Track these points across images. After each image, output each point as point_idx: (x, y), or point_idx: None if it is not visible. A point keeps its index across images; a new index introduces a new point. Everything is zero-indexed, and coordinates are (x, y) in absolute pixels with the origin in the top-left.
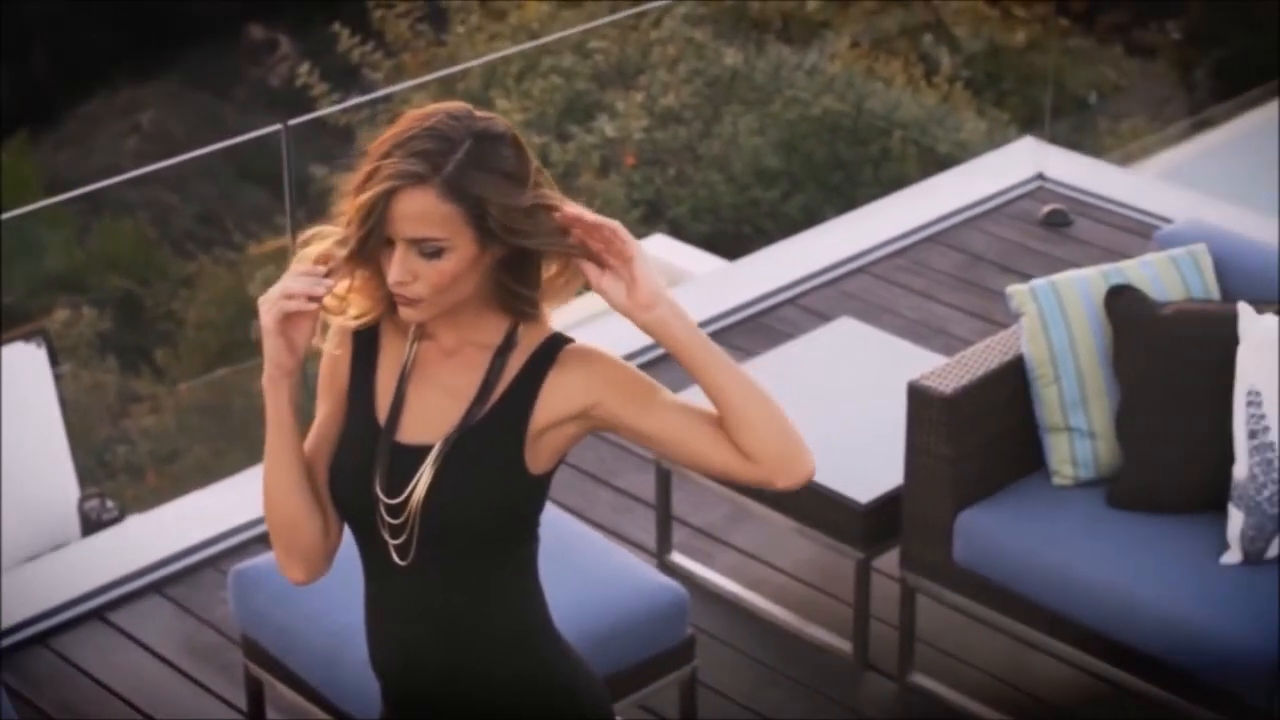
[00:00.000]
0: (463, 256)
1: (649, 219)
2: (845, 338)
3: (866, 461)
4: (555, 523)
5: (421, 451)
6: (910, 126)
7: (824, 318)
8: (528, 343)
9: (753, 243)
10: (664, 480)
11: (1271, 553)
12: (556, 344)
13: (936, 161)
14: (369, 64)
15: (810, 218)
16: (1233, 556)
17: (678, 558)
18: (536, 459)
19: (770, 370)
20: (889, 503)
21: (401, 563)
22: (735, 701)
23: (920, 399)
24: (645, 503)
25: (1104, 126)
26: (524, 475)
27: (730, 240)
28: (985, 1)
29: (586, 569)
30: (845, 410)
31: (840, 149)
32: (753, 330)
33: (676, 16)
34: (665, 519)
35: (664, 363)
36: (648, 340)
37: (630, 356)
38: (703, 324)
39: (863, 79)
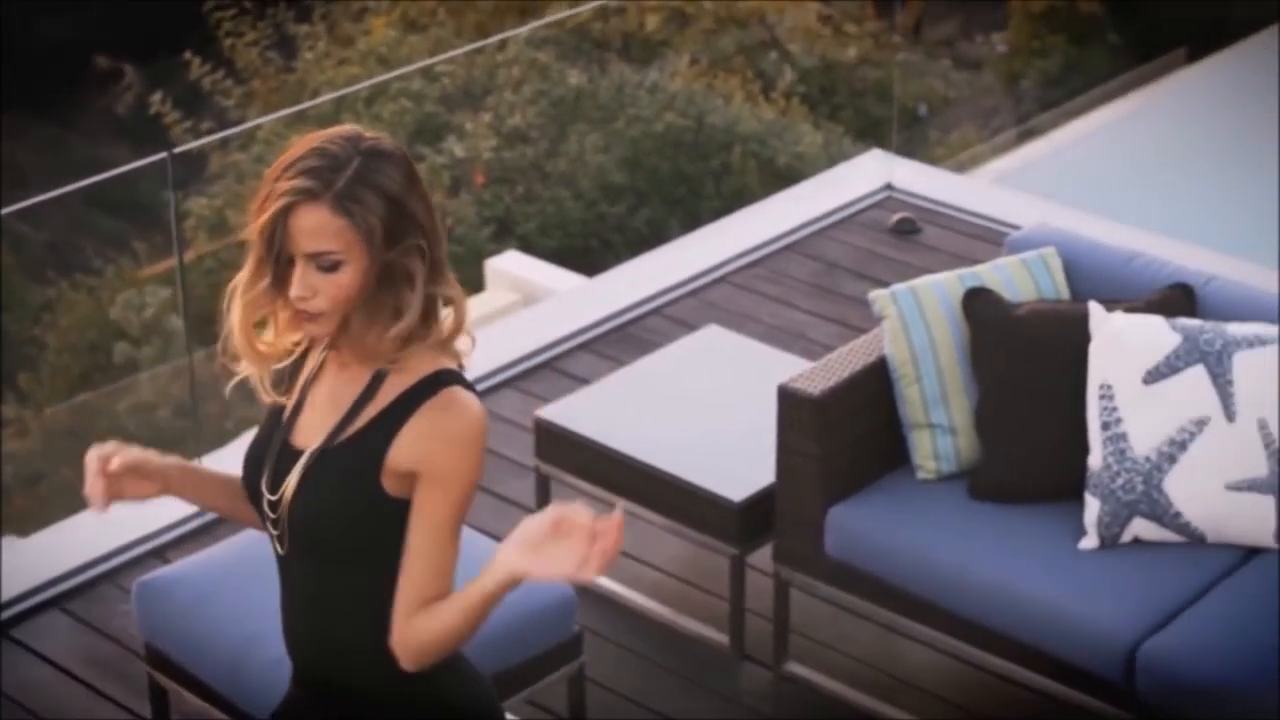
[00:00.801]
0: (358, 269)
1: (499, 236)
2: (712, 344)
3: (739, 462)
4: None
5: (299, 455)
6: (750, 141)
7: (689, 326)
8: (413, 367)
9: (600, 256)
10: (543, 486)
11: (1126, 537)
12: (440, 382)
13: (776, 174)
14: (220, 91)
15: (656, 231)
16: (1090, 542)
17: None
18: (398, 485)
19: (642, 376)
20: (762, 500)
21: (281, 552)
22: (621, 695)
23: (790, 401)
24: (524, 508)
25: (935, 138)
26: (383, 498)
27: (579, 254)
28: (817, 20)
29: (476, 570)
30: (716, 413)
31: (683, 164)
32: (621, 340)
33: (520, 40)
34: None
35: (548, 369)
36: (529, 348)
37: (517, 361)
38: (570, 336)
39: (703, 96)
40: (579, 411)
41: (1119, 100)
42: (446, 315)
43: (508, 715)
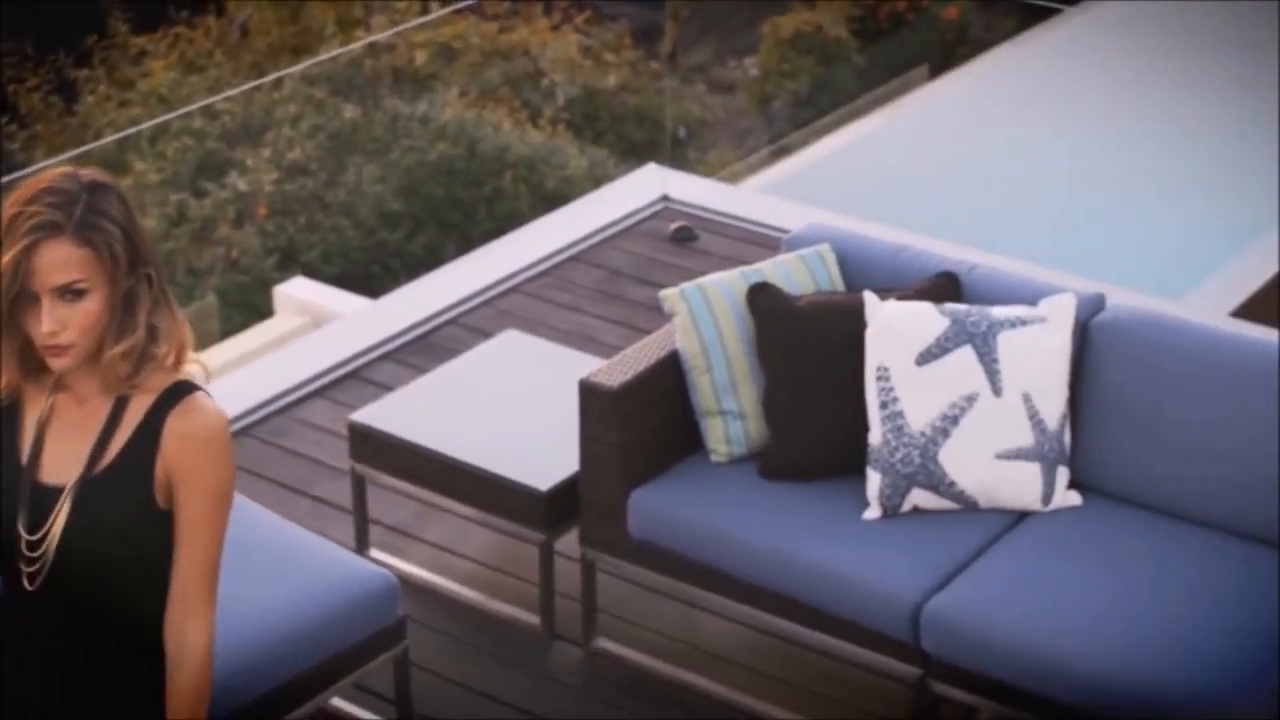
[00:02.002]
0: (102, 296)
1: (284, 264)
2: (511, 347)
3: (544, 453)
4: (273, 523)
5: (58, 491)
6: (519, 166)
7: (485, 334)
8: (153, 386)
9: (381, 281)
10: (359, 486)
11: (906, 507)
12: (179, 392)
13: (545, 197)
14: (5, 135)
15: (433, 255)
16: (873, 513)
17: (376, 554)
18: (167, 497)
19: (447, 379)
20: (566, 488)
21: (30, 588)
22: (443, 676)
23: (590, 394)
24: (341, 508)
25: (694, 157)
26: (157, 512)
27: (361, 280)
28: (578, 51)
29: (302, 562)
30: (520, 410)
31: (456, 190)
32: (422, 349)
33: (296, 77)
34: (362, 520)
35: (354, 378)
36: (335, 359)
37: (325, 372)
38: (373, 347)
39: (473, 125)
40: (391, 414)
41: (867, 116)
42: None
43: (336, 700)
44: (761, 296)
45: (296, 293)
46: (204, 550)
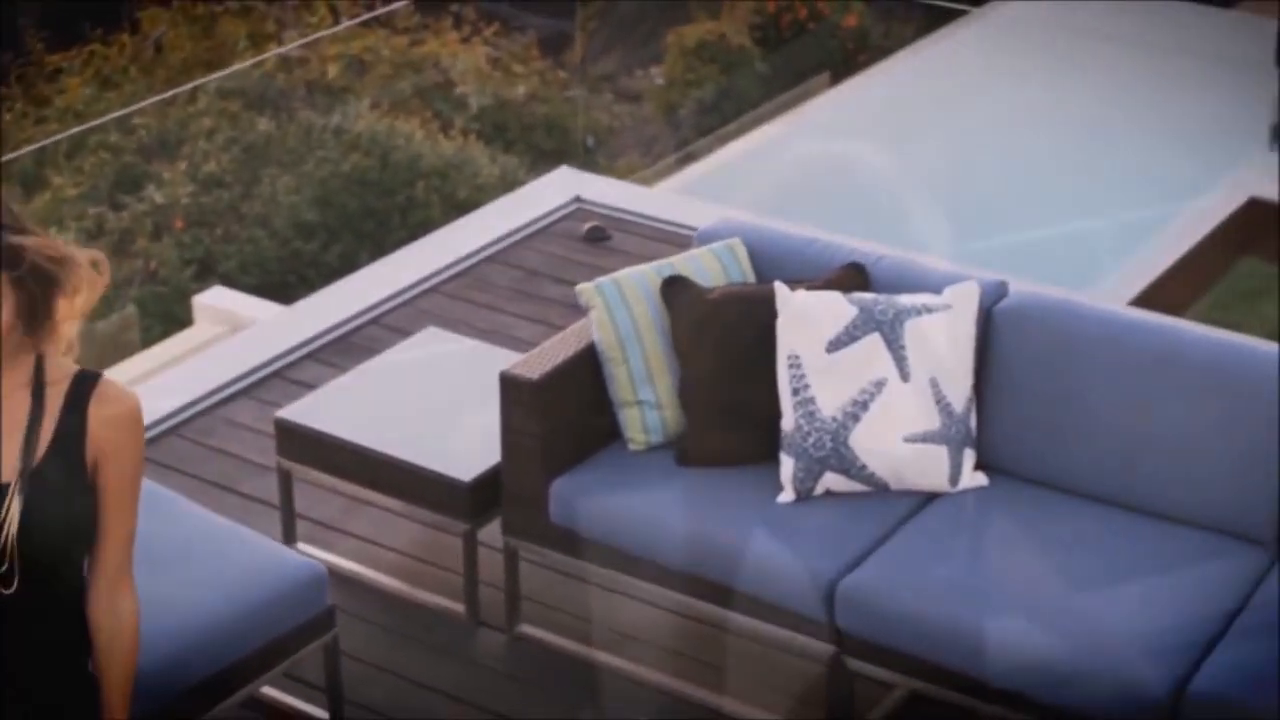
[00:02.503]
0: (9, 305)
1: (201, 275)
2: (432, 344)
3: (466, 445)
4: (202, 517)
5: (4, 488)
6: (432, 176)
7: (406, 333)
8: (58, 378)
9: (297, 290)
10: (286, 481)
11: (819, 490)
12: (87, 378)
13: (457, 205)
14: None
15: (348, 264)
16: (787, 496)
17: (303, 547)
18: (94, 477)
19: (370, 376)
20: (489, 479)
21: (8, 592)
22: (371, 665)
23: (511, 386)
24: (268, 504)
25: (603, 164)
26: (90, 495)
27: (277, 289)
28: (487, 63)
29: (231, 554)
30: (442, 404)
31: (370, 200)
32: (344, 349)
33: (210, 91)
34: (289, 516)
35: (278, 378)
36: (258, 360)
37: (249, 373)
38: (295, 348)
39: (385, 136)
40: (316, 411)
41: (770, 123)
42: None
43: (268, 689)
44: (675, 289)
45: (215, 302)
46: (129, 523)
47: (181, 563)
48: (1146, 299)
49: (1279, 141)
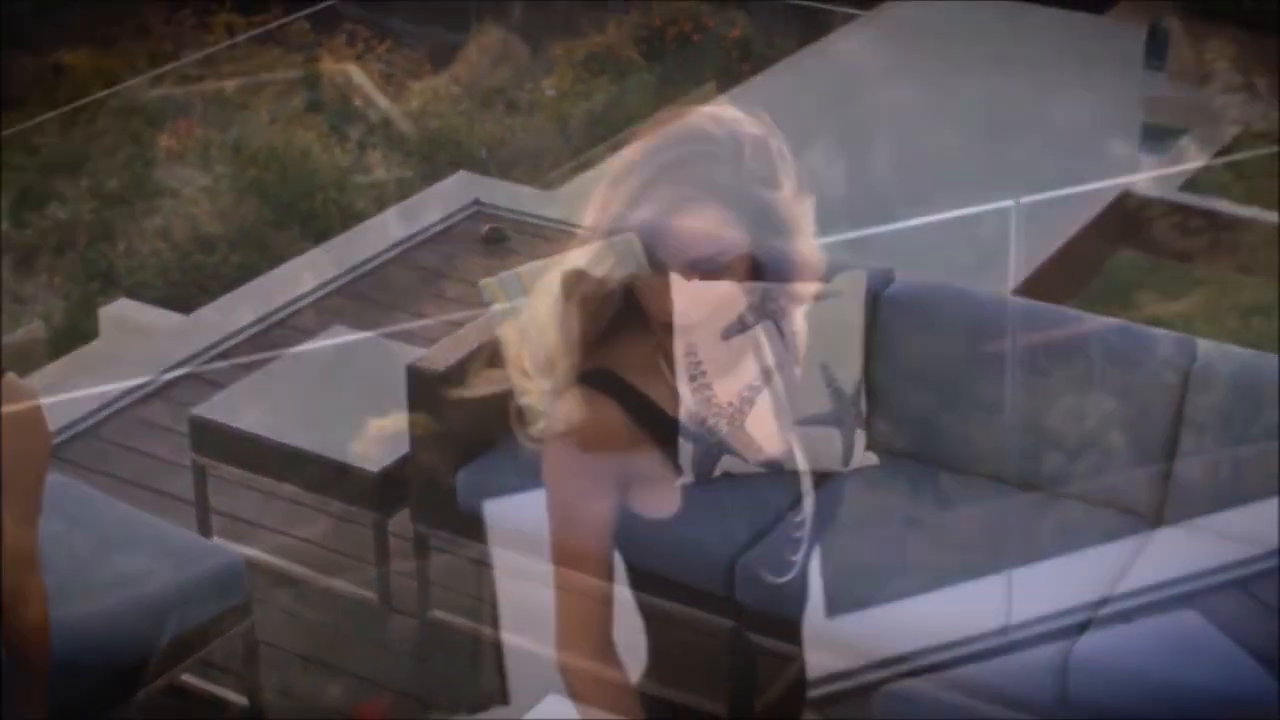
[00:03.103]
0: None
1: (106, 288)
2: (339, 342)
3: (375, 437)
4: (119, 510)
5: None
6: (329, 188)
7: (312, 333)
8: None
9: (200, 301)
10: (201, 477)
11: (717, 472)
12: None
13: (355, 215)
14: None
15: (249, 274)
16: (686, 479)
17: (219, 541)
18: None
19: (281, 373)
20: (398, 469)
21: None
22: (288, 651)
23: (417, 378)
24: (184, 500)
25: (497, 176)
26: None
27: (180, 301)
28: (380, 77)
29: (151, 545)
30: (351, 397)
31: (268, 213)
32: (253, 350)
33: (111, 109)
34: (204, 511)
35: (190, 379)
36: (168, 361)
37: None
38: (203, 352)
39: (283, 150)
40: (229, 408)
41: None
42: None
43: (186, 676)
44: (574, 280)
45: (122, 312)
46: (38, 505)
47: (101, 554)
48: (1029, 288)
49: (1150, 139)
